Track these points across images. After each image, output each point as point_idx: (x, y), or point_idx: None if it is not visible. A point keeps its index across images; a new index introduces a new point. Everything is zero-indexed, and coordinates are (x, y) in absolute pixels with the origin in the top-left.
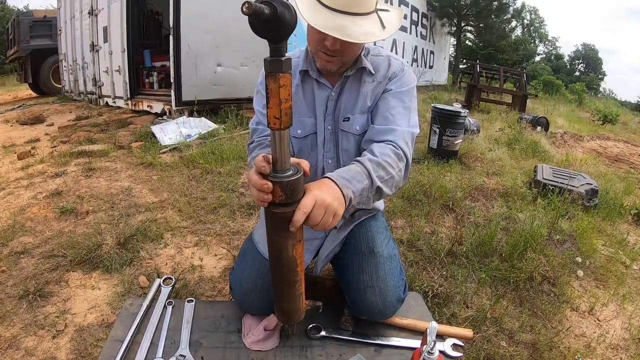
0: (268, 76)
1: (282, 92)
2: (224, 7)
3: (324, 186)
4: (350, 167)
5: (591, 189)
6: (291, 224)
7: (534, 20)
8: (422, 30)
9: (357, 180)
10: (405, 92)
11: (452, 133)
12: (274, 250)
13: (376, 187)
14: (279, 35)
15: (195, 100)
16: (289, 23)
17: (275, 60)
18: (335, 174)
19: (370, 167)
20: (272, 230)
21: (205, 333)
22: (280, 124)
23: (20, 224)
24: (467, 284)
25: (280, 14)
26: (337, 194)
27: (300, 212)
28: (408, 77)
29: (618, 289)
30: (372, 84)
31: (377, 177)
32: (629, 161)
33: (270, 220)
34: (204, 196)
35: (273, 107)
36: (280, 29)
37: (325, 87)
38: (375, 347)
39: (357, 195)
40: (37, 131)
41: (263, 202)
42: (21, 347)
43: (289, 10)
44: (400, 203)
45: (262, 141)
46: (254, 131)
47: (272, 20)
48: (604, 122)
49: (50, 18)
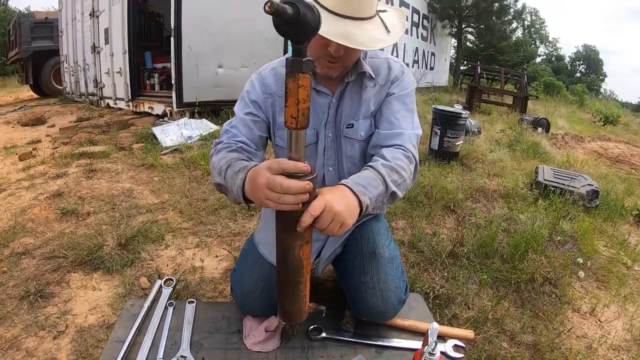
0: (288, 75)
1: (301, 92)
2: (225, 9)
3: (338, 193)
4: (364, 173)
5: (592, 190)
6: (298, 225)
7: (535, 22)
8: (423, 31)
9: (372, 186)
10: (407, 95)
11: (453, 134)
12: (281, 249)
13: (391, 192)
14: (301, 35)
15: (196, 101)
16: (312, 24)
17: (296, 61)
18: (351, 180)
19: (385, 172)
20: (280, 229)
21: (206, 334)
22: (296, 124)
23: (21, 225)
24: (468, 285)
25: (303, 14)
26: (350, 201)
27: (308, 213)
28: (408, 80)
29: (619, 290)
30: (374, 88)
31: (392, 181)
32: (630, 162)
33: (279, 219)
34: (205, 197)
35: (291, 107)
36: (303, 29)
37: (325, 94)
38: (377, 348)
39: (374, 201)
40: (39, 132)
41: (298, 205)
42: (22, 347)
43: (311, 12)
44: (402, 204)
45: (232, 145)
46: (226, 132)
47: (294, 20)
48: (605, 123)
49: (52, 20)
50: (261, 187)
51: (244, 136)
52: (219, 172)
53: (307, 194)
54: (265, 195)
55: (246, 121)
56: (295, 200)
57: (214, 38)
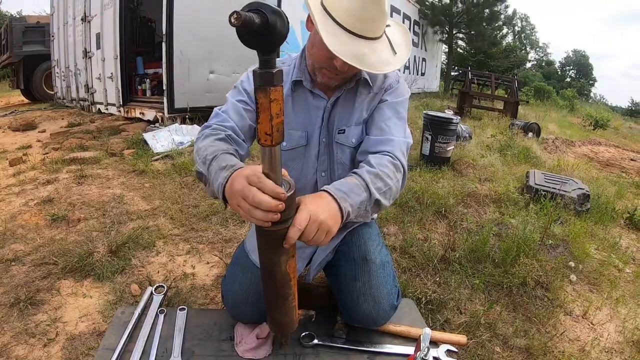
0: (258, 90)
1: (274, 106)
2: (217, 15)
3: (320, 201)
4: (348, 179)
5: (583, 194)
6: (285, 241)
7: (525, 27)
8: (414, 37)
9: (355, 193)
10: (400, 103)
11: (444, 140)
12: (267, 266)
13: (375, 200)
14: (270, 45)
15: (187, 107)
16: (281, 32)
17: (265, 73)
18: (333, 187)
19: (369, 178)
20: (265, 247)
21: (198, 341)
22: (271, 141)
23: (11, 231)
24: (460, 290)
25: (272, 23)
26: (333, 209)
27: (294, 228)
28: (403, 89)
29: (611, 292)
30: (369, 95)
31: (376, 189)
32: (620, 166)
33: (263, 238)
34: (196, 204)
35: (263, 123)
36: (272, 38)
37: (321, 98)
38: (369, 354)
39: (355, 208)
40: (29, 138)
41: (267, 223)
42: (12, 355)
43: (280, 19)
44: (393, 210)
45: (220, 132)
46: (216, 115)
47: (262, 30)
48: (595, 127)
49: (43, 24)
50: (235, 194)
51: (234, 122)
52: (204, 160)
53: (278, 214)
54: (238, 202)
55: (237, 107)
56: (264, 217)
57: (205, 44)
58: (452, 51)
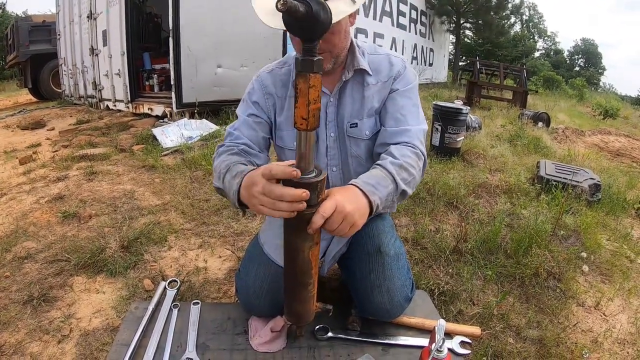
0: (298, 75)
1: (312, 92)
2: (223, 9)
3: (348, 193)
4: (373, 172)
5: (594, 184)
6: (309, 226)
7: (533, 16)
8: (421, 28)
9: (382, 186)
10: (410, 89)
11: (454, 130)
12: (290, 251)
13: (401, 191)
14: (312, 34)
15: (196, 102)
16: (324, 22)
17: (307, 60)
18: (360, 180)
19: (394, 170)
20: (289, 231)
21: (212, 335)
22: (307, 125)
23: (23, 229)
24: (473, 281)
25: (315, 12)
26: (361, 202)
27: (319, 215)
28: (410, 74)
29: (623, 283)
30: (377, 85)
31: (401, 179)
32: (630, 155)
33: (288, 221)
34: (206, 198)
35: (301, 107)
36: (314, 28)
37: (323, 93)
38: (383, 346)
39: (384, 200)
40: (38, 136)
41: (293, 212)
42: (26, 352)
43: (324, 10)
44: (404, 201)
45: (233, 148)
46: (229, 134)
47: (306, 18)
48: (605, 117)
49: (49, 23)
50: (256, 194)
51: (247, 138)
52: (219, 176)
53: (303, 203)
54: (260, 201)
55: (249, 123)
56: (289, 207)
57: (212, 38)
58: (459, 41)
